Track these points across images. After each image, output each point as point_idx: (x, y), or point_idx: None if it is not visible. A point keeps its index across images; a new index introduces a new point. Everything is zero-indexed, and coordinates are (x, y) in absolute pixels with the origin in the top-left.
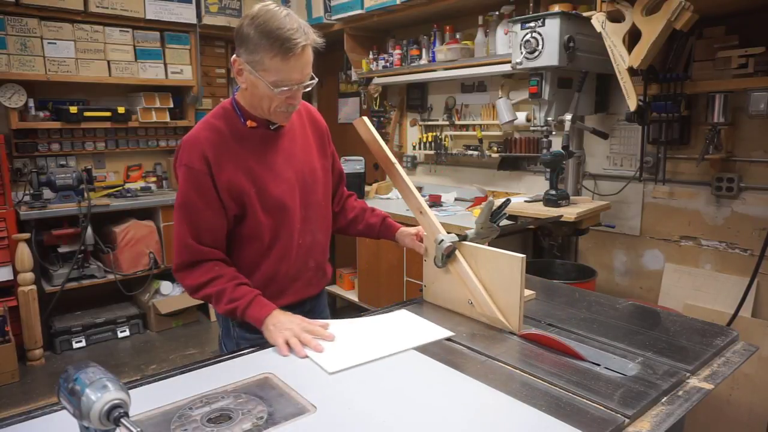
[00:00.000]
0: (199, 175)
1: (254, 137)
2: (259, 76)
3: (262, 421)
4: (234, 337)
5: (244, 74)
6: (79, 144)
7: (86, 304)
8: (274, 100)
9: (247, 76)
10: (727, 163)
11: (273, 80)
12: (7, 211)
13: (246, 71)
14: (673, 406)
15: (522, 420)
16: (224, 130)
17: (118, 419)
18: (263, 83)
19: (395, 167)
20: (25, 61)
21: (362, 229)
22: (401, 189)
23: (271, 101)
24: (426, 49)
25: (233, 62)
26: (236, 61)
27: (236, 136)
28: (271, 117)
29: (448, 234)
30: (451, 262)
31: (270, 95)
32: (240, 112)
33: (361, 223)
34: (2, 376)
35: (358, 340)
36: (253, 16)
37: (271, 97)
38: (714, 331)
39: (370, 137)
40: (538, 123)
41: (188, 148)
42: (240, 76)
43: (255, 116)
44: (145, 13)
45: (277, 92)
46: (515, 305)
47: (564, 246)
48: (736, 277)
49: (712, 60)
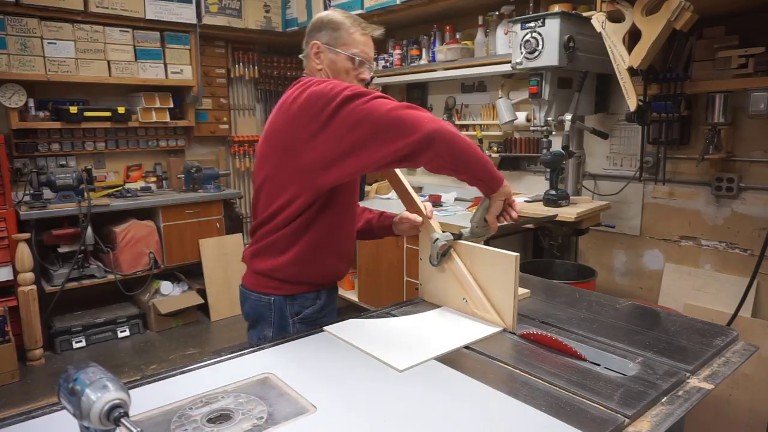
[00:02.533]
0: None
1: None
2: (340, 50)
3: (262, 421)
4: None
5: (322, 55)
6: (79, 144)
7: (86, 304)
8: (349, 75)
9: (325, 55)
10: (727, 163)
11: (354, 51)
12: (7, 211)
13: (324, 51)
14: (673, 406)
15: (522, 420)
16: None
17: (118, 419)
18: (344, 56)
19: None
20: (25, 61)
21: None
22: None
23: (347, 76)
24: (426, 49)
25: (312, 46)
26: (315, 44)
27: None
28: None
29: (444, 233)
30: (446, 261)
31: (347, 68)
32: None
33: (361, 221)
34: (2, 376)
35: (418, 337)
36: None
37: (347, 71)
38: (714, 331)
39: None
40: (538, 123)
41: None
42: (317, 59)
43: None
44: (145, 13)
45: (357, 63)
46: (509, 303)
47: (564, 246)
48: (736, 277)
49: (712, 60)
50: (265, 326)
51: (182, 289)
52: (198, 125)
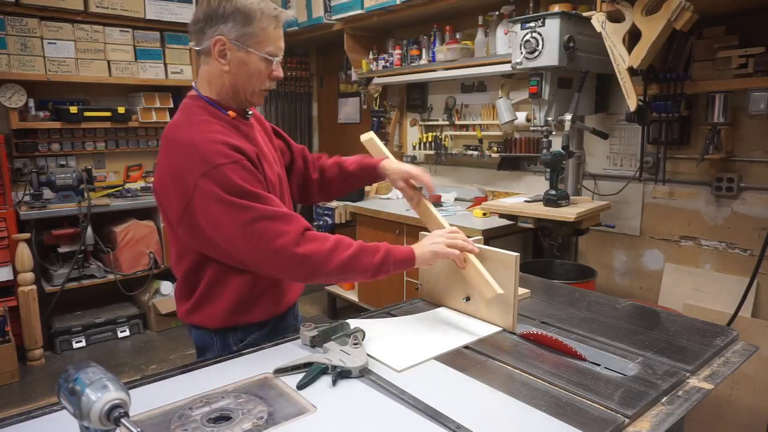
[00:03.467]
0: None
1: (241, 127)
2: (252, 50)
3: (262, 421)
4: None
5: (229, 54)
6: (79, 144)
7: (86, 304)
8: (261, 76)
9: (233, 55)
10: (727, 163)
11: (269, 50)
12: (7, 211)
13: (233, 50)
14: (673, 406)
15: (522, 420)
16: (216, 122)
17: (118, 419)
18: (257, 57)
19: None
20: (25, 61)
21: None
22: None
23: (260, 77)
24: (426, 49)
25: (215, 43)
26: (219, 40)
27: (229, 125)
28: (253, 98)
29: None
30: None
31: (261, 70)
32: (216, 105)
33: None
34: (2, 376)
35: (418, 337)
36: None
37: (261, 72)
38: (714, 331)
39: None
40: (538, 123)
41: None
42: (222, 58)
43: (230, 106)
44: (145, 13)
45: (275, 62)
46: (509, 303)
47: (564, 246)
48: (736, 277)
49: (712, 60)
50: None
51: None
52: None
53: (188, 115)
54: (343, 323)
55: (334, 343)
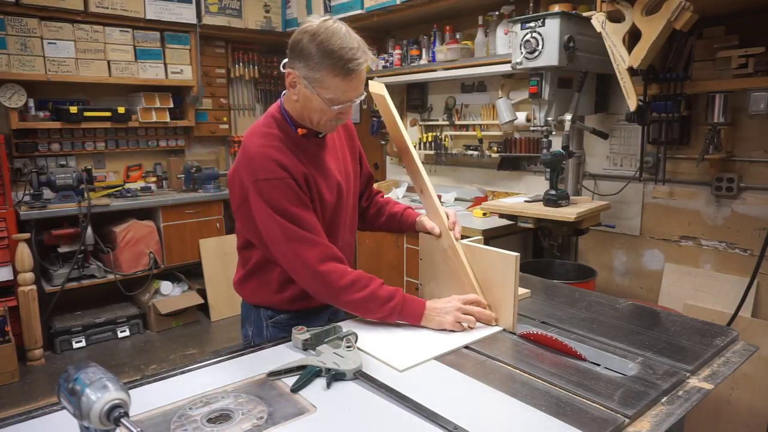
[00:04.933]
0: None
1: (305, 145)
2: (315, 92)
3: (262, 421)
4: (267, 336)
5: (298, 87)
6: (79, 144)
7: (86, 304)
8: (325, 115)
9: (301, 89)
10: (727, 163)
11: (330, 98)
12: (7, 211)
13: (301, 85)
14: (673, 406)
15: (522, 420)
16: (282, 137)
17: (118, 419)
18: (319, 100)
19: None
20: (25, 61)
21: (385, 221)
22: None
23: (322, 115)
24: (426, 49)
25: (288, 74)
26: (291, 73)
27: (292, 143)
28: (319, 128)
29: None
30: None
31: (323, 109)
32: (290, 121)
33: (384, 215)
34: (2, 376)
35: (418, 338)
36: (314, 32)
37: (323, 111)
38: (714, 331)
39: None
40: (538, 123)
41: (260, 160)
42: (293, 88)
43: (303, 125)
44: (145, 13)
45: (334, 110)
46: (509, 303)
47: (564, 246)
48: (736, 277)
49: (712, 60)
50: (248, 325)
51: (182, 289)
52: (198, 125)
53: (264, 124)
54: (336, 326)
55: (327, 346)
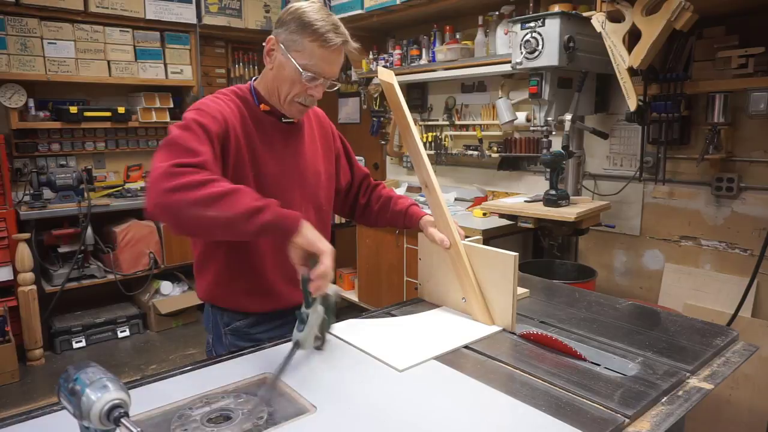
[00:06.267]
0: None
1: (266, 123)
2: (290, 57)
3: (262, 421)
4: (226, 344)
5: (274, 54)
6: (79, 144)
7: (86, 304)
8: (295, 86)
9: (277, 56)
10: (727, 163)
11: (303, 63)
12: (7, 211)
13: (277, 51)
14: (673, 406)
15: (522, 420)
16: (240, 105)
17: (118, 419)
18: (292, 64)
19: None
20: (25, 61)
21: (389, 219)
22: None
23: (292, 87)
24: (426, 49)
25: (267, 41)
26: (270, 39)
27: (250, 115)
28: (285, 107)
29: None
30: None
31: (294, 79)
32: (255, 95)
33: (388, 212)
34: (2, 376)
35: (418, 338)
36: (299, 6)
37: (293, 82)
38: (714, 331)
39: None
40: (538, 123)
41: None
42: (269, 56)
43: (269, 103)
44: (145, 13)
45: (304, 77)
46: (509, 303)
47: (564, 246)
48: (736, 277)
49: (712, 60)
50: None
51: (182, 289)
52: None
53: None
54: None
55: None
